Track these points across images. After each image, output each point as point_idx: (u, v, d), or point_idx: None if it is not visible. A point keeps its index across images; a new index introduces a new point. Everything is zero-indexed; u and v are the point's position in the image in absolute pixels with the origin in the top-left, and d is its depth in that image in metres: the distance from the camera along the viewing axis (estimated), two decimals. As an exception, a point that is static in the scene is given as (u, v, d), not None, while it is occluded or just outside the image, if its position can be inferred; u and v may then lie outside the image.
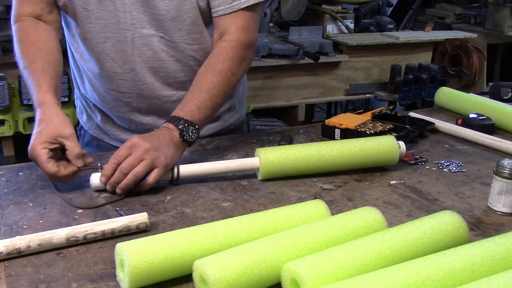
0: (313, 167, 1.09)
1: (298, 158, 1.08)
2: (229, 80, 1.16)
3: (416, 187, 1.08)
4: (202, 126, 1.13)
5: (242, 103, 1.45)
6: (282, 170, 1.08)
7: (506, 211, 0.97)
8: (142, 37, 1.19)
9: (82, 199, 0.99)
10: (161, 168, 1.02)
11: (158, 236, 0.76)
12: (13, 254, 0.79)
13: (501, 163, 0.96)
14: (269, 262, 0.72)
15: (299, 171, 1.09)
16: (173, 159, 1.04)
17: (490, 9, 3.63)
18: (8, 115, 2.47)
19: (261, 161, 1.06)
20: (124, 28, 1.18)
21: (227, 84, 1.16)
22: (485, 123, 1.37)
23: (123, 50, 1.20)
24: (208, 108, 1.13)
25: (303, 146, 1.11)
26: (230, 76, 1.16)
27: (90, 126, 1.39)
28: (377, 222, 0.82)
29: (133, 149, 1.01)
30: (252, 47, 1.22)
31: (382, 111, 1.43)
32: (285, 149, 1.09)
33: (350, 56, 3.04)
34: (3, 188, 1.03)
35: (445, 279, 0.68)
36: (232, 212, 0.96)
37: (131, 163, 1.00)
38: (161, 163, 1.02)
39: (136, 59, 1.20)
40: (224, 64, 1.15)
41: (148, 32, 1.18)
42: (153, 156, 1.01)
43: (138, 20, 1.17)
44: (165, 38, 1.20)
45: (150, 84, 1.24)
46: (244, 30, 1.18)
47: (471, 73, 3.42)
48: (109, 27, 1.18)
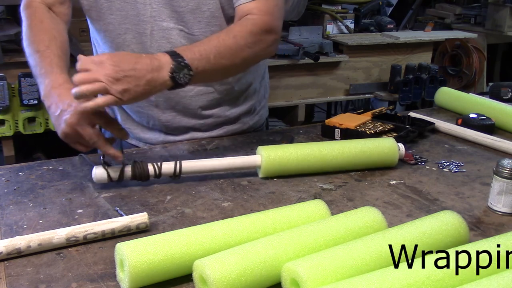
0: (314, 166, 1.10)
1: (300, 157, 1.08)
2: (242, 48, 1.11)
3: (416, 187, 1.08)
4: (196, 78, 1.05)
5: (264, 106, 1.44)
6: (283, 168, 1.08)
7: (506, 211, 0.97)
8: (161, 30, 1.19)
9: (82, 199, 0.99)
10: (110, 99, 0.95)
11: (158, 236, 0.76)
12: (13, 254, 0.79)
13: (501, 163, 0.96)
14: (269, 262, 0.72)
15: (299, 170, 1.09)
16: (136, 95, 0.97)
17: (490, 9, 3.63)
18: (8, 115, 2.47)
19: (263, 159, 1.07)
20: (144, 20, 1.18)
21: (238, 51, 1.10)
22: (485, 123, 1.37)
23: (142, 42, 1.21)
24: (210, 61, 1.05)
25: (304, 145, 1.11)
26: (243, 46, 1.11)
27: None
28: (377, 222, 0.82)
29: (98, 66, 0.95)
30: (273, 32, 1.16)
31: (382, 111, 1.43)
32: (287, 148, 1.09)
33: (350, 56, 3.04)
34: (3, 188, 1.04)
35: (445, 279, 0.68)
36: (232, 212, 0.96)
37: (82, 79, 0.94)
38: (115, 93, 0.94)
39: (155, 51, 1.19)
40: (241, 33, 1.11)
41: (167, 25, 1.19)
42: (111, 83, 0.94)
43: (158, 12, 1.17)
44: (184, 31, 1.20)
45: None
46: (268, 14, 1.15)
47: (471, 73, 3.42)
48: (130, 19, 1.19)
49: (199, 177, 1.10)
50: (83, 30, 2.60)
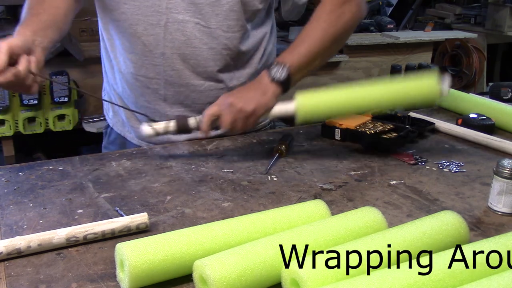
0: (351, 107, 1.13)
1: (337, 99, 1.12)
2: (327, 31, 1.20)
3: (416, 187, 1.08)
4: (295, 67, 1.17)
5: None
6: (320, 111, 1.13)
7: (506, 211, 0.97)
8: (176, 22, 1.19)
9: (82, 199, 0.99)
10: (253, 119, 1.14)
11: (158, 236, 0.76)
12: (13, 254, 0.79)
13: (501, 163, 0.96)
14: (269, 262, 0.72)
15: (336, 113, 1.15)
16: (259, 104, 1.13)
17: (490, 9, 3.63)
18: (8, 115, 2.47)
19: (298, 105, 1.11)
20: (159, 11, 1.18)
21: (326, 36, 1.20)
22: (485, 123, 1.37)
23: (155, 34, 1.20)
24: (305, 61, 1.18)
25: (340, 88, 1.14)
26: (328, 28, 1.20)
27: (115, 122, 1.40)
28: (377, 222, 0.82)
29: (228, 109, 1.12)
30: (348, 2, 1.22)
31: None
32: (323, 91, 1.14)
33: (350, 56, 3.04)
34: (3, 188, 1.04)
35: (445, 279, 0.68)
36: (232, 212, 0.96)
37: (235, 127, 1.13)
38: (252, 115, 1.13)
39: (168, 44, 1.21)
40: (321, 15, 1.21)
41: (183, 17, 1.19)
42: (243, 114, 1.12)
43: (175, 4, 1.18)
44: (201, 24, 1.20)
45: (180, 71, 1.24)
46: None
47: (471, 73, 3.42)
48: (143, 10, 1.19)
49: (199, 177, 1.10)
50: (83, 30, 2.61)
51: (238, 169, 1.15)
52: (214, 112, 1.14)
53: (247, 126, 1.15)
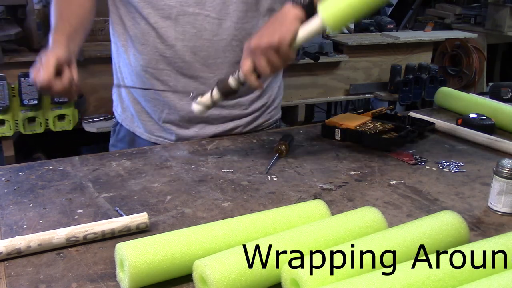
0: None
1: None
2: None
3: (416, 187, 1.08)
4: None
5: (276, 106, 1.48)
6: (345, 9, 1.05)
7: (506, 211, 0.97)
8: (187, 15, 1.20)
9: (82, 199, 0.99)
10: (284, 49, 1.05)
11: (158, 236, 0.76)
12: (13, 254, 0.79)
13: (501, 163, 0.96)
14: (270, 262, 0.72)
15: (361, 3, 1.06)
16: (282, 32, 1.05)
17: (490, 9, 3.63)
18: (8, 115, 2.47)
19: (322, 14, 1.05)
20: (169, 5, 1.20)
21: None
22: (485, 123, 1.37)
23: (166, 26, 1.22)
24: None
25: None
26: None
27: (124, 118, 1.41)
28: (377, 222, 0.82)
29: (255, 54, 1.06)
30: None
31: (382, 111, 1.43)
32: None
33: (350, 56, 3.04)
34: (3, 188, 1.04)
35: (445, 279, 0.68)
36: (232, 212, 0.96)
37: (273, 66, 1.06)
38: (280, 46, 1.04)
39: (179, 36, 1.22)
40: None
41: (194, 10, 1.20)
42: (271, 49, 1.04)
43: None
44: (211, 16, 1.21)
45: (189, 64, 1.25)
46: None
47: (471, 73, 3.42)
48: (152, 3, 1.20)
49: (199, 177, 1.10)
50: (83, 30, 2.60)
51: (238, 169, 1.15)
52: (248, 64, 1.08)
53: (285, 59, 1.07)
